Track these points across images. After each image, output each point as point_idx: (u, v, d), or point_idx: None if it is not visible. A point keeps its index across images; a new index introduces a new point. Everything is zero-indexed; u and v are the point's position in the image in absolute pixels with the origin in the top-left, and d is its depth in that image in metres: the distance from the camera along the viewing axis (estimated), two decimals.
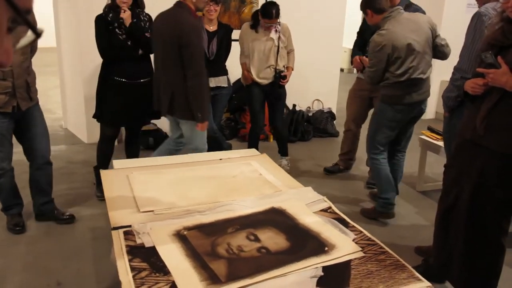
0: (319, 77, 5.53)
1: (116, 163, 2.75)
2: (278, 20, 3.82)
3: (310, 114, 5.51)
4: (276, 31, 3.86)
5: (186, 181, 2.46)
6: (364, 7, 3.04)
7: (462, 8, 5.78)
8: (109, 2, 3.25)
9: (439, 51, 3.09)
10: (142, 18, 3.27)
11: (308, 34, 4.15)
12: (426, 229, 3.17)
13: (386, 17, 2.95)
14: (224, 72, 3.97)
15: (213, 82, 3.82)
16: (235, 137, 5.19)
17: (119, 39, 3.19)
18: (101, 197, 3.36)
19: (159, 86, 3.12)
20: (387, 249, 1.81)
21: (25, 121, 2.83)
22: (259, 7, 5.07)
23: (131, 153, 3.58)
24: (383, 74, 3.03)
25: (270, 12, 3.69)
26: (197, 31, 2.92)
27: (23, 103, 2.75)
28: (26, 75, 2.74)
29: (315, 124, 5.34)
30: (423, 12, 3.52)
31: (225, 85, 3.95)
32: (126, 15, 3.16)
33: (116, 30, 3.19)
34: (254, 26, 3.89)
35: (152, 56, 3.32)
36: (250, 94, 4.03)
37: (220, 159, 2.86)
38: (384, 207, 3.24)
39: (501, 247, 2.12)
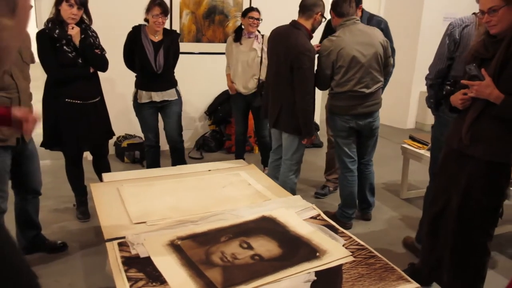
0: None
1: (105, 176, 2.77)
2: (260, 33, 3.98)
3: None
4: (258, 42, 3.97)
5: (176, 192, 2.49)
6: (330, 8, 3.17)
7: (439, 20, 5.97)
8: (52, 16, 2.95)
9: (386, 71, 3.21)
10: (90, 34, 3.07)
11: None
12: (411, 234, 3.24)
13: (341, 24, 3.05)
14: (172, 84, 3.64)
15: (159, 96, 3.56)
16: (220, 149, 5.22)
17: (69, 57, 2.95)
18: (82, 219, 3.31)
19: (268, 99, 3.23)
20: (376, 253, 1.87)
21: (22, 156, 2.52)
22: None
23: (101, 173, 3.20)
24: (329, 81, 3.10)
25: (251, 7, 3.94)
26: (311, 55, 2.93)
27: (27, 135, 2.44)
28: (30, 102, 2.52)
29: None
30: (386, 24, 3.62)
31: (174, 98, 3.64)
32: (75, 32, 2.93)
33: (65, 47, 2.94)
34: (237, 38, 4.01)
35: (100, 73, 3.20)
36: (234, 104, 4.24)
37: (209, 170, 2.90)
38: (343, 218, 3.35)
39: (487, 251, 2.20)
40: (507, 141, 2.02)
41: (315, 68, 3.07)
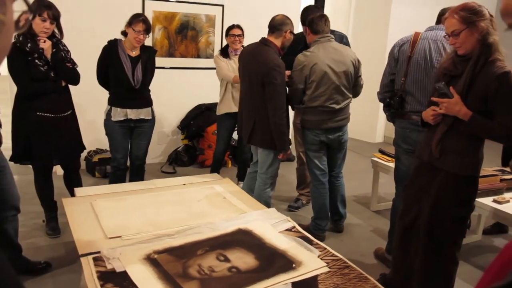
0: None
1: (78, 191, 2.73)
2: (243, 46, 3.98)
3: None
4: None
5: (151, 206, 2.48)
6: (306, 25, 3.28)
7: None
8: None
9: (355, 91, 3.33)
10: (62, 48, 3.06)
11: None
12: (382, 246, 3.32)
13: (316, 41, 3.16)
14: (148, 103, 3.53)
15: (134, 114, 3.43)
16: (193, 163, 5.21)
17: (40, 70, 2.93)
18: (52, 235, 3.23)
19: (242, 115, 3.27)
20: (350, 263, 1.91)
21: None
22: (215, 36, 5.23)
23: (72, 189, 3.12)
24: (302, 95, 3.19)
25: (232, 25, 4.01)
26: (281, 70, 2.99)
27: None
28: None
29: None
30: (347, 39, 3.81)
31: (148, 117, 3.52)
32: (47, 45, 2.92)
33: (36, 61, 2.91)
34: (225, 55, 4.04)
35: (72, 87, 3.18)
36: (221, 123, 4.16)
37: (184, 184, 2.90)
38: (316, 230, 3.41)
39: (456, 261, 2.29)
40: (475, 155, 2.13)
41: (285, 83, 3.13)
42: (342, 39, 3.73)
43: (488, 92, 2.01)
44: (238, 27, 4.00)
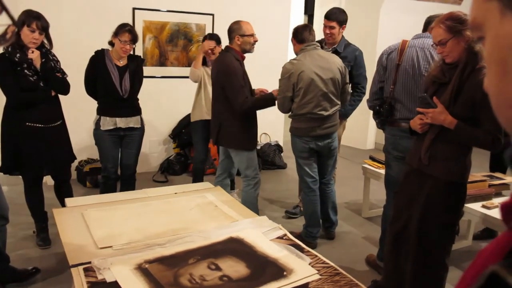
0: (265, 111, 5.69)
1: (68, 201, 2.71)
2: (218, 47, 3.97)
3: (258, 147, 5.66)
4: None
5: (142, 215, 2.48)
6: (292, 36, 3.34)
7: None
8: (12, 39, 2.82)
9: (343, 98, 3.34)
10: (51, 58, 3.08)
11: (251, 67, 4.25)
12: (373, 252, 3.33)
13: (302, 49, 3.21)
14: (137, 111, 3.54)
15: (124, 122, 3.45)
16: (185, 172, 5.21)
17: (29, 80, 2.93)
18: (43, 245, 3.22)
19: (211, 119, 3.48)
20: (341, 270, 1.92)
21: None
22: None
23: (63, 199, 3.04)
24: (291, 103, 3.24)
25: (206, 35, 4.08)
26: (236, 72, 3.17)
27: None
28: None
29: (264, 157, 5.49)
30: (360, 52, 3.79)
31: (137, 125, 3.53)
32: (35, 56, 2.93)
33: (26, 71, 2.92)
34: (203, 62, 4.06)
35: (63, 97, 3.19)
36: (195, 132, 4.16)
37: (175, 193, 2.90)
38: (307, 237, 3.42)
39: (445, 267, 2.31)
40: (462, 162, 2.16)
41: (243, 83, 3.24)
42: (355, 51, 3.71)
43: (475, 99, 2.04)
44: (211, 37, 3.96)
